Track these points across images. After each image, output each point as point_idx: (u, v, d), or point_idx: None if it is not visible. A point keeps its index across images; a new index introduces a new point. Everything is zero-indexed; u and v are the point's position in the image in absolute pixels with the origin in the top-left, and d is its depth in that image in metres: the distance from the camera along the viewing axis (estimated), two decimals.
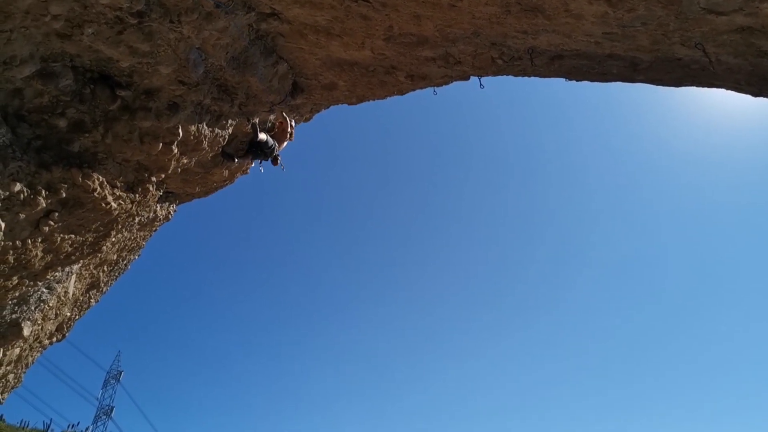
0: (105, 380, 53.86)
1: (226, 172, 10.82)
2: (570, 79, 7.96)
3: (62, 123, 6.27)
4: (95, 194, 7.12)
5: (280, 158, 10.55)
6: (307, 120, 11.39)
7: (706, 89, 7.17)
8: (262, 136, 9.88)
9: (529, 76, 8.11)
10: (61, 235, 7.33)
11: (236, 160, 10.23)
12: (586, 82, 7.99)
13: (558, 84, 8.53)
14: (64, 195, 6.70)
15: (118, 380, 53.82)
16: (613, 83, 7.82)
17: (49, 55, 5.63)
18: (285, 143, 10.56)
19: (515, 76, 8.18)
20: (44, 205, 6.48)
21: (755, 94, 6.55)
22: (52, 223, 6.85)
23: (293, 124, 10.75)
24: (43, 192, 6.37)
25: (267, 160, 10.42)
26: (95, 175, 6.98)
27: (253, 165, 11.29)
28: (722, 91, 6.94)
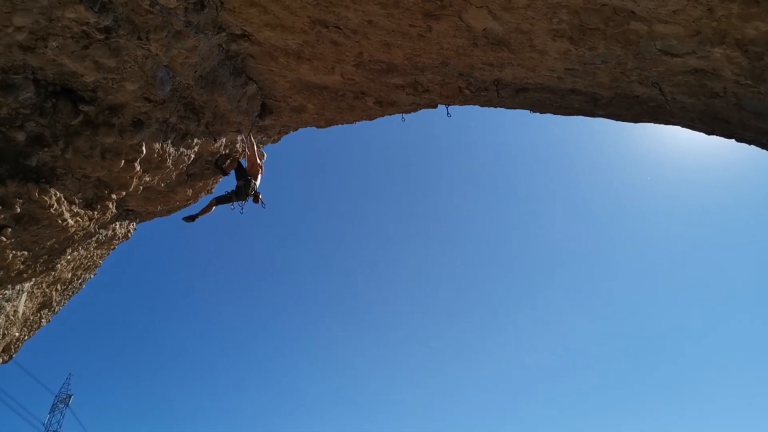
0: (53, 404, 51.69)
1: (189, 191, 10.65)
2: (534, 111, 8.18)
3: (21, 136, 6.10)
4: (51, 210, 6.91)
5: (261, 195, 10.41)
6: (275, 141, 11.36)
7: (663, 126, 7.47)
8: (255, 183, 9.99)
9: (495, 107, 8.31)
10: (13, 252, 7.07)
11: (233, 203, 10.17)
12: (550, 114, 8.23)
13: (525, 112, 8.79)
14: (18, 210, 6.48)
15: (67, 404, 51.67)
16: (576, 117, 8.08)
17: (10, 67, 5.50)
18: (260, 177, 10.41)
19: (481, 106, 8.36)
20: None
21: (708, 133, 6.85)
22: (4, 238, 6.61)
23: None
24: None
25: (247, 200, 10.27)
26: (53, 191, 6.78)
27: (219, 182, 11.17)
28: (678, 128, 7.25)
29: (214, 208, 10.28)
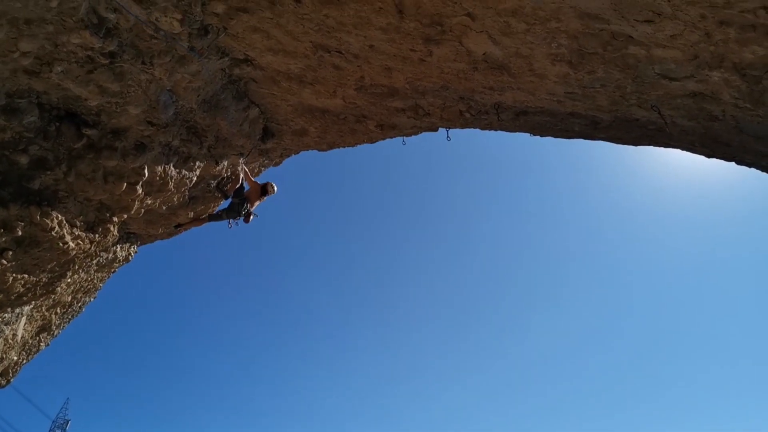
0: (50, 429, 51.01)
1: (191, 214, 10.65)
2: (534, 135, 8.23)
3: (24, 159, 6.13)
4: (53, 233, 6.90)
5: (252, 216, 10.42)
6: (276, 164, 11.40)
7: (663, 149, 7.50)
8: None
9: (496, 130, 8.35)
10: (14, 275, 7.04)
11: (230, 198, 10.19)
12: (550, 138, 8.27)
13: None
14: (20, 233, 6.48)
15: (65, 430, 50.98)
16: (576, 140, 8.11)
17: (15, 91, 5.55)
18: (258, 203, 10.41)
19: (482, 129, 8.42)
20: None
21: (708, 155, 6.87)
22: (5, 261, 6.58)
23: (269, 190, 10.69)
24: None
25: (238, 218, 10.30)
26: (54, 214, 6.79)
27: (220, 205, 11.18)
28: (678, 151, 7.27)
29: (206, 223, 10.36)
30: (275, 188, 10.50)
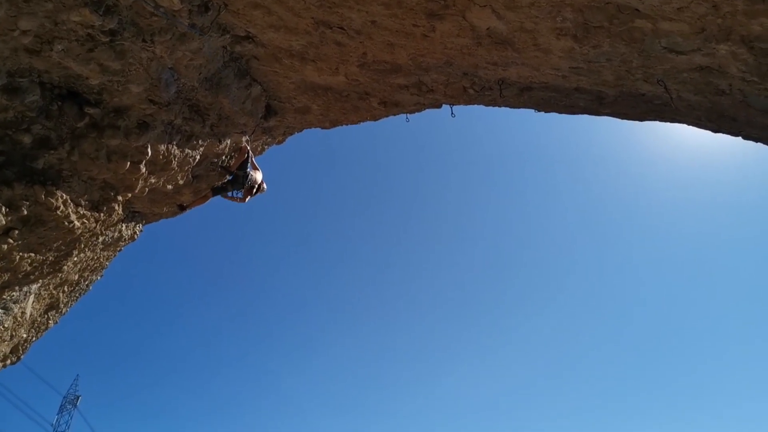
0: (61, 405, 51.81)
1: (195, 193, 10.68)
2: (539, 111, 8.16)
3: (27, 139, 6.14)
4: (58, 212, 6.95)
5: (254, 191, 10.38)
6: (279, 142, 11.38)
7: (669, 124, 7.43)
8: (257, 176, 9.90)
9: (500, 106, 8.29)
10: (21, 254, 7.11)
11: (229, 194, 10.16)
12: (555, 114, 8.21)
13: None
14: (25, 212, 6.52)
15: (75, 405, 51.83)
16: (581, 116, 8.05)
17: (15, 71, 5.54)
18: (248, 198, 10.36)
19: (486, 105, 8.35)
20: (4, 222, 6.30)
21: (714, 131, 6.81)
22: (11, 240, 6.65)
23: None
24: (3, 209, 6.19)
25: (240, 189, 10.26)
26: (59, 193, 6.82)
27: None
28: (684, 126, 7.21)
29: (210, 198, 10.33)
30: (265, 188, 10.55)
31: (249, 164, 10.13)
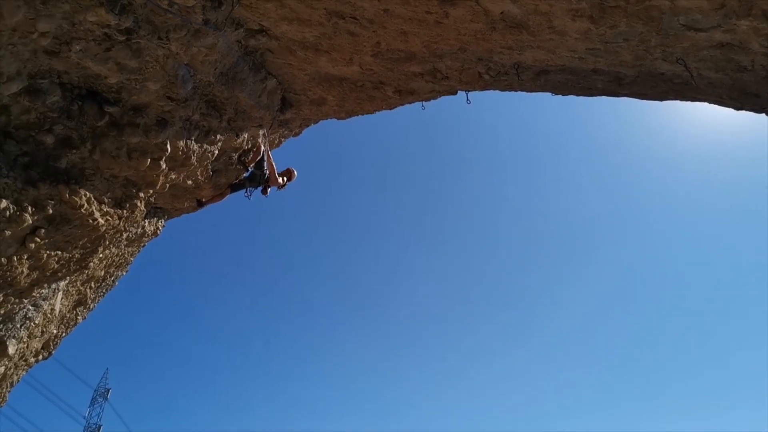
0: (92, 398, 53.07)
1: (214, 187, 10.79)
2: (556, 94, 8.06)
3: (49, 139, 6.26)
4: (82, 210, 7.08)
5: (270, 188, 10.58)
6: (296, 135, 11.43)
7: (690, 103, 7.29)
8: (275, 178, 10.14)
9: (516, 91, 8.21)
10: (48, 252, 7.27)
11: (246, 190, 10.43)
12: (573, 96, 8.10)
13: (546, 95, 8.70)
14: (50, 211, 6.66)
15: (106, 398, 53.04)
16: (598, 98, 7.94)
17: (36, 72, 5.63)
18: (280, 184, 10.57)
19: (502, 90, 8.28)
20: (30, 221, 6.44)
21: (737, 108, 6.66)
22: (38, 239, 6.80)
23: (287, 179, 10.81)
24: (30, 209, 6.33)
25: (257, 187, 10.51)
26: (82, 192, 6.95)
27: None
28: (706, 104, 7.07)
29: (227, 195, 10.57)
30: (295, 174, 10.79)
31: (265, 162, 10.28)
